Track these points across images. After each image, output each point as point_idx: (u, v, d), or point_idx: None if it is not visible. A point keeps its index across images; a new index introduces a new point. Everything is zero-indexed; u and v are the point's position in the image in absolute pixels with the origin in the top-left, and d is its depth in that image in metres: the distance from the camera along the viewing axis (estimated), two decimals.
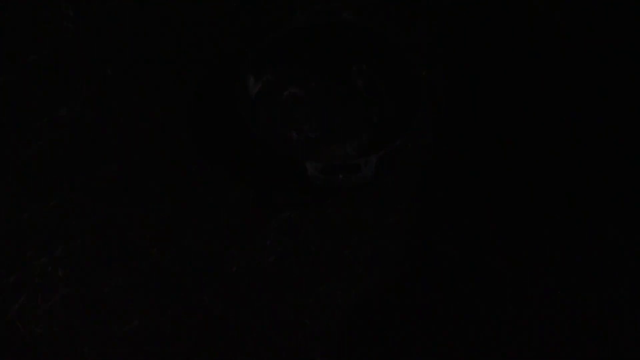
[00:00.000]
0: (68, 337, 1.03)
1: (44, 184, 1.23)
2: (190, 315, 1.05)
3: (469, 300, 1.07)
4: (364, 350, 1.02)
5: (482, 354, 1.02)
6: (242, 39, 1.51)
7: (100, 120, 1.34)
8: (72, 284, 1.09)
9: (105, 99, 1.38)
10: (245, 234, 1.15)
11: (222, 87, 1.40)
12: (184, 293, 1.08)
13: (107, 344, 1.02)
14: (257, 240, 1.14)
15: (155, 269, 1.10)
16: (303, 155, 1.15)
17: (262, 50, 1.17)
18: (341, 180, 0.95)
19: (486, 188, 1.21)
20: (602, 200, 1.19)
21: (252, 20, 1.56)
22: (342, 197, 1.19)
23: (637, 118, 1.29)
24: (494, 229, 1.15)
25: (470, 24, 1.51)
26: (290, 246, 1.13)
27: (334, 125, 1.29)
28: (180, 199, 1.20)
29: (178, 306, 1.06)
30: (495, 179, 1.22)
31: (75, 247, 1.13)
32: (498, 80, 1.39)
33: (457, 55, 1.45)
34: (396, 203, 1.19)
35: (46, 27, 1.54)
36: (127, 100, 1.38)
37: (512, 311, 1.05)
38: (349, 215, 1.17)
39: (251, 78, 1.18)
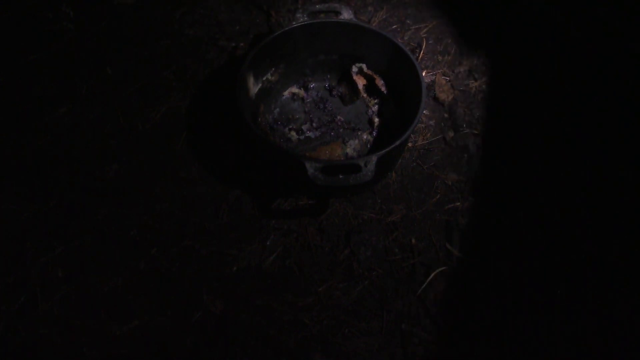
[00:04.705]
0: (68, 337, 1.03)
1: (44, 184, 1.23)
2: (190, 315, 1.05)
3: (469, 299, 1.07)
4: (364, 350, 1.02)
5: (479, 349, 1.02)
6: (242, 39, 1.51)
7: (100, 120, 1.34)
8: (72, 284, 1.09)
9: (105, 99, 1.39)
10: (245, 234, 1.15)
11: (222, 87, 1.40)
12: (184, 293, 1.08)
13: (107, 344, 1.02)
14: (257, 240, 1.14)
15: (155, 269, 1.10)
16: (303, 155, 1.15)
17: (262, 50, 1.17)
18: (341, 180, 0.95)
19: (486, 188, 1.21)
20: None
21: (252, 20, 1.56)
22: (342, 197, 1.19)
23: None
24: (494, 230, 1.15)
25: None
26: (290, 246, 1.13)
27: (334, 125, 1.29)
28: (180, 199, 1.20)
29: (178, 306, 1.06)
30: (496, 177, 1.23)
31: (75, 247, 1.14)
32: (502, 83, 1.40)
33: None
34: (396, 203, 1.19)
35: (46, 27, 1.54)
36: (127, 100, 1.38)
37: (513, 310, 1.06)
38: (349, 215, 1.17)
39: (251, 78, 1.18)
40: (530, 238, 1.14)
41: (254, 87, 1.22)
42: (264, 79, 1.26)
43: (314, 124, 1.29)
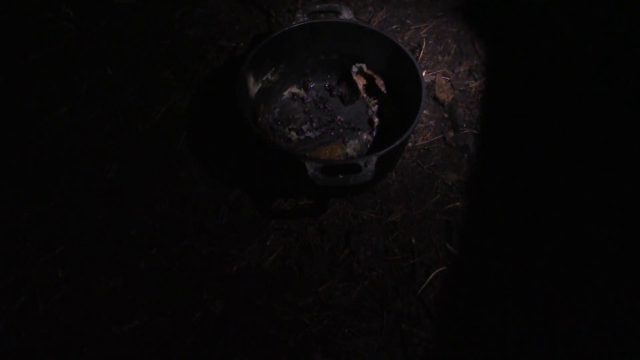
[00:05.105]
0: (68, 337, 1.03)
1: (44, 184, 1.23)
2: (190, 315, 1.05)
3: (469, 299, 1.07)
4: (364, 350, 1.02)
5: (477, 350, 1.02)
6: (242, 39, 1.51)
7: (100, 120, 1.34)
8: (72, 284, 1.09)
9: (105, 99, 1.39)
10: (245, 234, 1.15)
11: (222, 87, 1.40)
12: (184, 293, 1.08)
13: (107, 344, 1.02)
14: (257, 240, 1.14)
15: (155, 269, 1.10)
16: (303, 155, 1.15)
17: (262, 50, 1.17)
18: (341, 180, 0.95)
19: (486, 188, 1.21)
20: None
21: (252, 20, 1.56)
22: (342, 197, 1.19)
23: None
24: (494, 230, 1.15)
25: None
26: (290, 246, 1.13)
27: (334, 125, 1.29)
28: (180, 199, 1.20)
29: (178, 306, 1.06)
30: (496, 177, 1.23)
31: (75, 247, 1.14)
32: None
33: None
34: (396, 203, 1.19)
35: (46, 27, 1.54)
36: (127, 100, 1.38)
37: (510, 312, 1.06)
38: (349, 215, 1.17)
39: (251, 78, 1.18)
40: (530, 238, 1.14)
41: (254, 87, 1.22)
42: (264, 79, 1.26)
43: (314, 124, 1.29)
